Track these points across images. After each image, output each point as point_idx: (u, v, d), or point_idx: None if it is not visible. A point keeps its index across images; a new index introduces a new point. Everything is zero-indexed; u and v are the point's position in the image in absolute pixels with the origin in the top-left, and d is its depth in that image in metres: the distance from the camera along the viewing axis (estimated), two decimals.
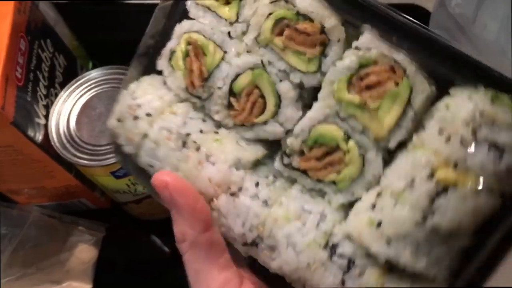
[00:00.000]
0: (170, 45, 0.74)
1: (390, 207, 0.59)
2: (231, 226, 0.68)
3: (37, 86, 0.86)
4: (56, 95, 0.91)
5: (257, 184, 0.68)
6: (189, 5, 0.73)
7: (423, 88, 0.60)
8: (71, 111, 0.90)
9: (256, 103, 0.68)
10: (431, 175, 0.57)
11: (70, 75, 0.95)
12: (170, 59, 0.74)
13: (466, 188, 0.56)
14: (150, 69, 0.78)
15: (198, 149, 0.70)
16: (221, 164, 0.68)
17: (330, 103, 0.64)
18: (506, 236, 0.59)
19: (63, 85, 0.91)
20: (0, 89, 0.73)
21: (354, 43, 0.62)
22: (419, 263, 0.59)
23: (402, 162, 0.61)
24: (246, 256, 0.69)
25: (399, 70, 0.60)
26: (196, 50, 0.71)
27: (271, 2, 0.65)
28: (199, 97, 0.73)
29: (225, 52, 0.70)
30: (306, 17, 0.64)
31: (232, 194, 0.68)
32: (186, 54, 0.72)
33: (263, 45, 0.67)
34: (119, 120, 0.75)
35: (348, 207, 0.66)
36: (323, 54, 0.64)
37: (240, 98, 0.69)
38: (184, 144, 0.71)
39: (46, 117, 0.88)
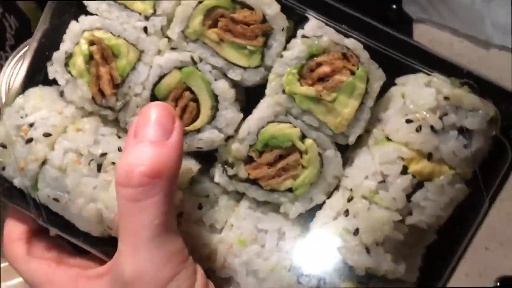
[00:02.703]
0: (65, 47, 0.59)
1: (364, 210, 0.53)
2: None
3: None
4: (7, 58, 0.82)
5: (200, 207, 0.57)
6: None
7: (379, 76, 0.55)
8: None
9: (187, 108, 0.57)
10: (405, 169, 0.52)
11: (23, 38, 0.85)
12: (66, 64, 0.59)
13: (443, 179, 0.52)
14: (38, 79, 0.62)
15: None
16: None
17: (280, 99, 0.55)
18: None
19: (14, 49, 0.82)
20: None
21: (300, 31, 0.55)
22: (400, 268, 0.53)
23: (366, 159, 0.55)
24: None
25: (353, 57, 0.55)
26: (103, 52, 0.57)
27: None
28: (111, 108, 0.59)
29: (141, 52, 0.58)
30: (244, 5, 0.55)
31: None
32: (90, 57, 0.58)
33: (192, 39, 0.56)
34: (3, 146, 0.58)
35: (305, 217, 0.58)
36: (265, 46, 0.56)
37: None
38: (100, 167, 0.57)
39: None
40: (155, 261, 0.47)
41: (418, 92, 0.54)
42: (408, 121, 0.53)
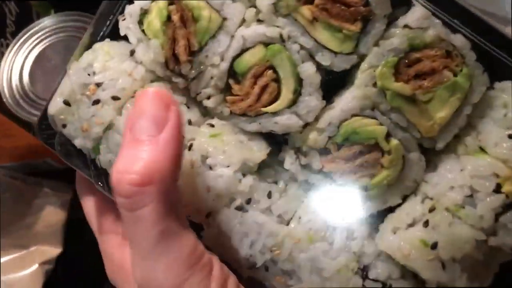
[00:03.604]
0: (141, 1, 0.54)
1: (446, 224, 0.49)
2: (235, 247, 0.53)
3: None
4: (8, 46, 0.82)
5: (269, 195, 0.54)
6: None
7: (483, 81, 0.50)
8: (23, 63, 0.80)
9: (267, 88, 0.53)
10: (498, 188, 0.48)
11: (24, 24, 0.84)
12: (140, 22, 0.55)
13: None
14: (105, 31, 0.57)
15: (189, 148, 0.53)
16: (223, 168, 0.52)
17: (370, 92, 0.51)
18: None
19: (15, 35, 0.82)
20: None
21: (402, 20, 0.50)
22: (473, 286, 0.51)
23: (454, 168, 0.51)
24: (245, 277, 0.55)
25: (457, 57, 0.50)
26: (182, 13, 0.53)
27: None
28: (183, 76, 0.55)
29: (224, 19, 0.53)
30: None
31: (239, 208, 0.53)
32: (167, 18, 0.53)
33: (283, 14, 0.51)
34: (67, 103, 0.54)
35: (375, 217, 0.55)
36: (362, 31, 0.51)
37: (245, 81, 0.53)
38: None
39: None
40: (159, 269, 0.44)
41: None
42: (510, 137, 0.48)
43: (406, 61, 0.50)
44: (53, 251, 0.82)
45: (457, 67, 0.50)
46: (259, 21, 0.53)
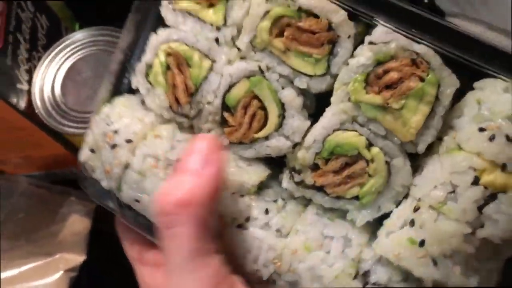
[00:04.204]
0: (146, 58, 0.63)
1: (431, 222, 0.51)
2: (241, 263, 0.57)
3: (18, 49, 0.80)
4: (40, 58, 0.84)
5: (266, 211, 0.59)
6: (165, 11, 0.63)
7: (451, 82, 0.53)
8: (55, 75, 0.82)
9: (255, 116, 0.59)
10: (476, 180, 0.50)
11: (54, 37, 0.88)
12: (147, 74, 0.64)
13: None
14: (123, 88, 0.67)
15: None
16: (222, 191, 0.58)
17: (346, 107, 0.55)
18: None
19: (46, 48, 0.85)
20: None
21: (367, 38, 0.54)
22: (471, 282, 0.51)
23: (436, 168, 0.53)
24: None
25: (423, 64, 0.53)
26: (178, 62, 0.61)
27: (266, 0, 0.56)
28: (186, 116, 0.63)
29: (213, 61, 0.60)
30: (309, 13, 0.55)
31: (239, 226, 0.58)
32: (167, 68, 0.62)
33: (260, 49, 0.58)
34: (92, 150, 0.64)
35: (373, 225, 0.58)
36: (331, 54, 0.56)
37: (236, 112, 0.60)
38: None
39: (29, 82, 0.82)
40: (188, 285, 0.49)
41: (495, 98, 0.51)
42: (481, 130, 0.50)
43: (375, 74, 0.54)
44: (78, 258, 0.83)
45: (423, 72, 0.53)
46: (242, 58, 0.59)
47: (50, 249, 0.83)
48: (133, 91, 0.66)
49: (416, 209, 0.52)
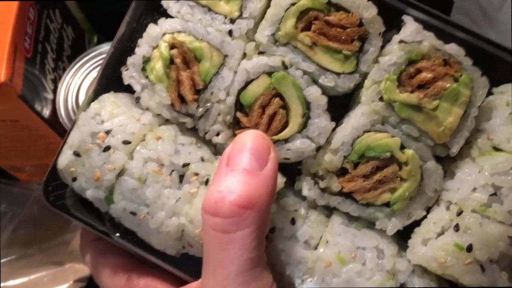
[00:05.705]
0: (142, 51, 0.56)
1: (477, 225, 0.49)
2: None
3: (45, 59, 0.80)
4: (64, 69, 0.84)
5: (292, 221, 0.52)
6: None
7: (483, 83, 0.52)
8: (80, 86, 0.82)
9: (275, 116, 0.53)
10: None
11: (78, 48, 0.89)
12: (143, 69, 0.56)
13: None
14: (110, 85, 0.58)
15: (206, 183, 0.52)
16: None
17: (377, 107, 0.52)
18: None
19: (71, 59, 0.85)
20: (9, 59, 0.68)
21: (397, 36, 0.52)
22: None
23: (472, 171, 0.51)
24: None
25: (455, 64, 0.52)
26: (184, 55, 0.54)
27: None
28: (190, 115, 0.55)
29: (225, 56, 0.55)
30: (339, 7, 0.52)
31: None
32: (170, 61, 0.55)
33: (283, 43, 0.53)
34: (77, 154, 0.53)
35: (400, 234, 0.54)
36: (360, 51, 0.53)
37: (252, 112, 0.54)
38: (181, 178, 0.53)
39: (54, 91, 0.82)
40: None
41: None
42: None
43: (407, 73, 0.52)
44: (87, 269, 0.83)
45: (457, 73, 0.51)
46: (260, 53, 0.54)
47: (61, 258, 0.85)
48: (121, 89, 0.58)
49: (459, 213, 0.49)
